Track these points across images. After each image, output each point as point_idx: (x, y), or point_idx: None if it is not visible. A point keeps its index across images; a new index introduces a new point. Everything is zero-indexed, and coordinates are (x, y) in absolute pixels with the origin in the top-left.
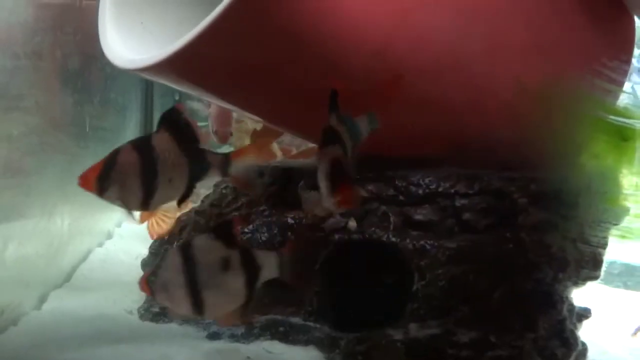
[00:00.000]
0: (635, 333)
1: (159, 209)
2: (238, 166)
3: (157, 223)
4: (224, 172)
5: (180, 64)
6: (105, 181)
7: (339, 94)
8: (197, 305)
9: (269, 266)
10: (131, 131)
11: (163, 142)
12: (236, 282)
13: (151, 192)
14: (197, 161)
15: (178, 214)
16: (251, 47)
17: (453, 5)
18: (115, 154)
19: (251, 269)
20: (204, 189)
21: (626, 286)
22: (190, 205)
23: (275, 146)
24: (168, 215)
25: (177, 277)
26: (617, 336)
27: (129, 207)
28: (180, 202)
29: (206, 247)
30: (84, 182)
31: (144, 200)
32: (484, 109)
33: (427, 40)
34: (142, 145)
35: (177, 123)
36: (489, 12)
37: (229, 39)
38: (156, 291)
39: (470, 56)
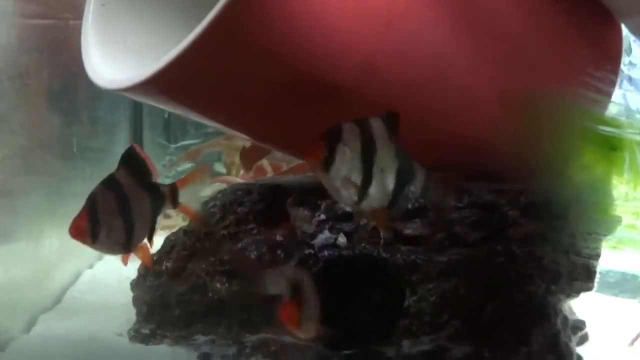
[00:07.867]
0: (632, 343)
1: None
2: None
3: None
4: (174, 202)
5: (163, 83)
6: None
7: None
8: None
9: None
10: (120, 150)
11: (125, 180)
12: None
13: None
14: (155, 195)
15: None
16: (236, 64)
17: (436, 16)
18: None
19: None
20: None
21: (622, 294)
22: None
23: (265, 162)
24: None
25: None
26: (614, 346)
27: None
28: (150, 238)
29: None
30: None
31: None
32: (468, 121)
33: (410, 51)
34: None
35: (134, 159)
36: (473, 24)
37: (213, 57)
38: None
39: (454, 68)
